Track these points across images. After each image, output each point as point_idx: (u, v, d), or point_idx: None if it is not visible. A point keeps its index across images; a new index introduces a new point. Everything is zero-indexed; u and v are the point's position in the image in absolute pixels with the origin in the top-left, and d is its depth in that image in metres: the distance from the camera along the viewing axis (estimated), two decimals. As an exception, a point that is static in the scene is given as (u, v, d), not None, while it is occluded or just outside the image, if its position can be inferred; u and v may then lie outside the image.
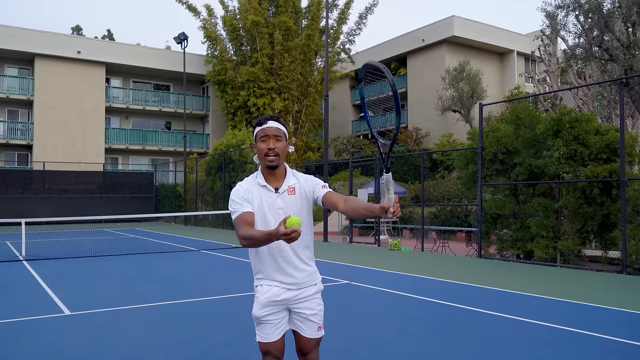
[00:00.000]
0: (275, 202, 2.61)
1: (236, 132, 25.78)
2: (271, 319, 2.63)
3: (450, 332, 5.24)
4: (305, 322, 2.68)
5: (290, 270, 2.63)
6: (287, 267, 2.62)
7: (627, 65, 13.59)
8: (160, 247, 14.88)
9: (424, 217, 14.70)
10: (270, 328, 2.62)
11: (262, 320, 2.63)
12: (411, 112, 31.54)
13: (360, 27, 31.12)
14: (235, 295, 7.27)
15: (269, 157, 2.57)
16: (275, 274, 2.63)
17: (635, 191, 9.53)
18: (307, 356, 2.72)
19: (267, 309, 2.62)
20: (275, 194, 2.62)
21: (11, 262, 11.20)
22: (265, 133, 2.59)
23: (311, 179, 2.73)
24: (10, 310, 6.32)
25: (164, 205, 30.43)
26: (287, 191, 2.64)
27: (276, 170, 2.63)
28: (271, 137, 2.58)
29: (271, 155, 2.57)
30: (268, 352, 2.63)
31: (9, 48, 28.26)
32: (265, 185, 2.63)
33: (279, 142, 2.59)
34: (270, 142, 2.58)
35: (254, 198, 2.61)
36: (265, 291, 2.64)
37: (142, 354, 4.58)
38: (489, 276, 9.28)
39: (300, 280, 2.65)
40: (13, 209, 24.03)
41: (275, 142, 2.58)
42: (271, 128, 2.59)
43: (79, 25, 54.20)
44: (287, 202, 2.62)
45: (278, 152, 2.58)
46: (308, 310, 2.67)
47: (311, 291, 2.70)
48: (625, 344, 4.80)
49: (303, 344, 2.71)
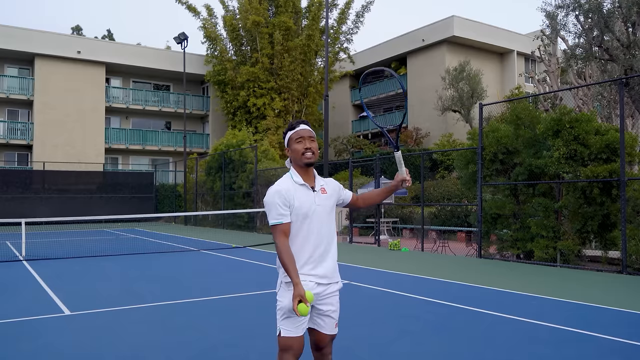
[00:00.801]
0: (315, 200, 2.81)
1: (236, 132, 25.79)
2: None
3: (450, 332, 5.24)
4: (325, 318, 2.80)
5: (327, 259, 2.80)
6: (324, 255, 2.79)
7: (627, 65, 13.59)
8: (160, 247, 14.88)
9: (424, 217, 14.70)
10: (299, 322, 2.67)
11: (289, 315, 2.65)
12: (411, 112, 31.52)
13: (357, 26, 31.11)
14: (235, 295, 7.27)
15: (307, 154, 2.78)
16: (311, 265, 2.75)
17: (635, 191, 9.53)
18: (322, 351, 2.85)
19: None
20: (313, 192, 2.82)
21: (11, 262, 11.20)
22: (300, 135, 2.81)
23: (333, 182, 2.98)
24: (10, 310, 6.32)
25: (164, 205, 30.43)
26: (321, 190, 2.86)
27: (310, 169, 2.85)
28: (306, 138, 2.81)
29: (308, 153, 2.78)
30: (290, 347, 2.66)
31: (9, 48, 28.26)
32: (304, 184, 2.80)
33: (313, 143, 2.82)
34: (306, 142, 2.80)
35: (295, 198, 2.76)
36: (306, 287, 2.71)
37: (142, 354, 4.58)
38: (489, 276, 9.28)
39: (330, 274, 2.80)
40: (13, 209, 24.03)
41: (310, 143, 2.81)
42: (305, 130, 2.83)
43: (79, 25, 54.25)
44: (323, 200, 2.84)
45: (314, 151, 2.80)
46: (330, 307, 2.80)
47: (334, 288, 2.85)
48: (625, 344, 4.80)
49: (320, 339, 2.82)
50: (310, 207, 2.76)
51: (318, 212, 2.78)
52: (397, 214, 19.80)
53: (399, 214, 19.75)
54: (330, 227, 2.85)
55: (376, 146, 33.05)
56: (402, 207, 19.45)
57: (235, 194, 23.00)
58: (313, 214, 2.76)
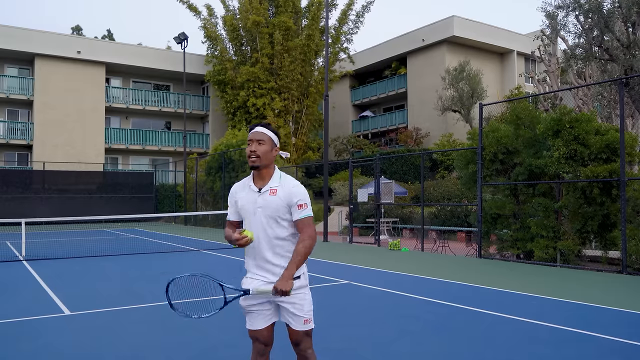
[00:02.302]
0: (257, 201, 2.88)
1: (236, 132, 25.78)
2: (255, 309, 2.88)
3: (450, 332, 5.24)
4: (291, 315, 2.87)
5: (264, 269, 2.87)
6: (263, 264, 2.88)
7: (627, 65, 13.59)
8: (160, 247, 14.88)
9: (424, 217, 14.70)
10: (255, 317, 2.89)
11: (247, 310, 2.91)
12: (411, 112, 31.55)
13: (357, 26, 31.11)
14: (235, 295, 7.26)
15: (250, 158, 2.86)
16: (255, 269, 2.91)
17: (635, 191, 9.53)
18: (298, 347, 2.93)
19: (250, 300, 2.88)
20: (257, 194, 2.89)
21: (11, 262, 11.20)
22: (250, 137, 2.90)
23: (292, 189, 2.87)
24: (10, 310, 6.32)
25: (164, 205, 30.43)
26: (268, 191, 2.87)
27: (261, 171, 2.89)
28: (254, 141, 2.86)
29: (252, 157, 2.85)
30: (256, 338, 2.92)
31: (9, 48, 28.26)
32: (250, 185, 2.93)
33: (261, 146, 2.85)
34: (253, 146, 2.86)
35: (240, 197, 2.96)
36: (248, 283, 2.90)
37: (142, 354, 4.58)
38: (489, 276, 9.28)
39: (276, 272, 2.84)
40: (13, 209, 24.02)
41: (257, 146, 2.85)
42: (255, 133, 2.89)
43: (79, 25, 54.24)
44: (267, 201, 2.86)
45: (259, 155, 2.84)
46: (291, 305, 2.85)
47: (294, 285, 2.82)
48: (625, 344, 4.80)
49: (292, 335, 2.91)
50: (250, 208, 2.89)
51: (258, 213, 2.85)
52: (397, 214, 19.80)
53: (399, 214, 19.76)
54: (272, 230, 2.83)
55: (376, 146, 33.05)
56: (402, 207, 19.45)
57: (235, 194, 22.96)
58: (253, 215, 2.87)
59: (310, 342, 2.93)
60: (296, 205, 2.83)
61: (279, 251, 2.86)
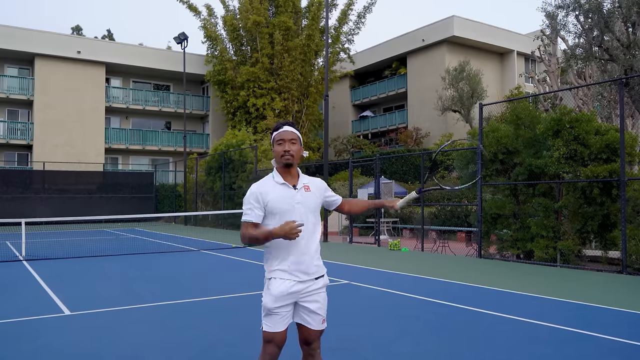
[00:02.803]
0: (295, 197, 2.91)
1: (236, 132, 25.77)
2: (281, 311, 2.86)
3: (450, 332, 5.24)
4: (311, 314, 2.90)
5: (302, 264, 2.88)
6: (299, 262, 2.88)
7: (627, 65, 13.59)
8: (160, 247, 14.88)
9: (424, 217, 14.70)
10: (278, 319, 2.86)
11: (272, 312, 2.86)
12: (411, 112, 31.55)
13: (359, 27, 31.11)
14: (235, 295, 7.27)
15: (284, 157, 2.89)
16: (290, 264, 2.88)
17: (635, 191, 9.53)
18: (310, 346, 2.95)
19: (279, 302, 2.85)
20: (294, 190, 2.92)
21: (11, 262, 11.20)
22: (281, 137, 2.91)
23: (318, 181, 3.09)
24: (10, 310, 6.32)
25: (164, 205, 30.43)
26: (303, 188, 2.96)
27: (291, 169, 2.94)
28: (287, 141, 2.90)
29: (287, 155, 2.89)
30: (272, 340, 2.87)
31: (9, 48, 28.26)
32: (285, 182, 2.92)
33: (294, 145, 2.91)
34: (286, 145, 2.90)
35: (272, 197, 2.88)
36: (278, 285, 2.86)
37: (142, 354, 4.58)
38: (489, 276, 9.28)
39: (311, 270, 2.90)
40: (13, 209, 24.02)
41: (291, 145, 2.90)
42: (286, 132, 2.92)
43: (79, 25, 54.30)
44: (305, 197, 2.95)
45: (292, 154, 2.90)
46: (314, 304, 2.90)
47: (319, 284, 2.94)
48: (625, 344, 4.80)
49: (307, 335, 2.93)
50: (286, 206, 2.88)
51: (298, 209, 2.89)
52: (397, 214, 19.78)
53: (399, 214, 19.74)
54: (312, 224, 2.95)
55: (376, 146, 33.05)
56: (402, 207, 19.42)
57: (235, 194, 23.00)
58: (293, 211, 2.88)
59: (320, 340, 2.99)
60: (330, 194, 3.15)
61: (316, 243, 2.98)
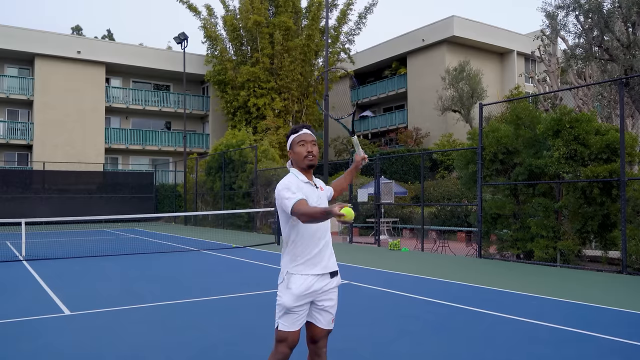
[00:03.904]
0: (319, 195, 3.04)
1: (236, 132, 25.77)
2: (300, 310, 2.86)
3: (450, 332, 5.24)
4: (322, 313, 2.93)
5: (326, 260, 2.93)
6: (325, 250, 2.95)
7: (627, 65, 13.59)
8: (160, 247, 14.88)
9: (424, 217, 14.70)
10: (296, 318, 2.85)
11: (291, 311, 2.84)
12: (411, 112, 31.54)
13: (359, 27, 31.12)
14: (235, 295, 7.27)
15: (309, 158, 2.98)
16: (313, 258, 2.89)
17: (635, 191, 9.53)
18: (317, 344, 2.97)
19: (300, 301, 2.84)
20: (317, 189, 3.04)
21: (11, 262, 11.20)
22: (302, 139, 3.00)
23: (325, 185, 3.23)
24: (10, 310, 6.32)
25: (164, 205, 30.43)
26: (320, 188, 3.08)
27: (310, 170, 3.05)
28: (308, 142, 3.00)
29: (310, 156, 2.98)
30: (285, 340, 2.84)
31: (9, 48, 28.25)
32: (309, 182, 3.02)
33: (315, 147, 3.02)
34: (309, 146, 2.99)
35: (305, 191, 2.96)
36: (300, 283, 2.85)
37: (142, 354, 4.58)
38: (489, 276, 9.28)
39: (332, 265, 2.97)
40: (13, 209, 24.00)
41: (313, 146, 3.01)
42: (307, 134, 3.02)
43: (79, 25, 54.26)
44: (322, 196, 3.07)
45: (315, 155, 3.01)
46: (328, 302, 2.94)
47: (334, 283, 2.99)
48: (625, 344, 4.80)
49: (316, 333, 2.95)
50: (315, 202, 2.96)
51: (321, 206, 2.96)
52: (397, 214, 19.79)
53: (399, 214, 19.75)
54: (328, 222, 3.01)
55: (376, 146, 33.05)
56: (402, 207, 19.45)
57: (235, 194, 23.00)
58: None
59: (326, 342, 3.03)
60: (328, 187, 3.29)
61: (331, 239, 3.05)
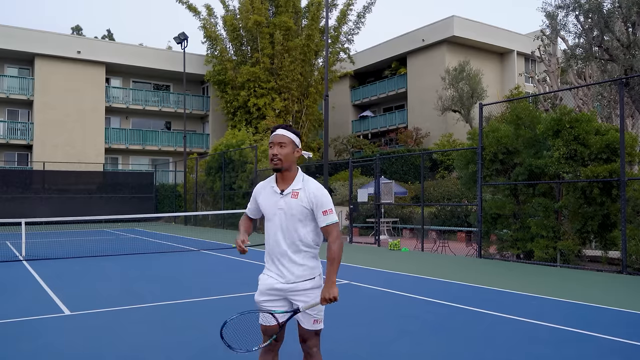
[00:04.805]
0: (278, 203, 2.91)
1: (236, 132, 25.77)
2: (268, 305, 2.93)
3: (450, 332, 5.24)
4: (302, 314, 2.92)
5: (281, 267, 2.92)
6: (279, 264, 2.93)
7: (627, 65, 13.59)
8: (160, 247, 14.88)
9: (424, 217, 14.70)
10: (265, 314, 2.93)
11: (260, 306, 2.98)
12: (411, 112, 31.54)
13: (358, 27, 31.11)
14: (235, 295, 7.27)
15: (273, 161, 2.87)
16: (272, 266, 2.97)
17: (635, 191, 9.53)
18: (305, 344, 2.99)
19: (265, 296, 2.95)
20: (279, 196, 2.91)
21: (11, 262, 11.20)
22: (271, 140, 2.90)
23: (319, 195, 2.88)
24: (10, 310, 6.32)
25: (164, 205, 30.43)
26: (291, 194, 2.89)
27: (283, 173, 2.91)
28: (275, 144, 2.87)
29: (275, 159, 2.87)
30: (264, 332, 2.98)
31: (9, 48, 28.25)
32: (273, 186, 2.96)
33: (283, 149, 2.86)
34: (275, 149, 2.86)
35: (263, 197, 3.00)
36: (264, 280, 2.98)
37: (142, 354, 4.58)
38: (489, 276, 9.28)
39: (289, 277, 2.90)
40: (13, 209, 24.01)
41: (279, 149, 2.86)
42: (276, 135, 2.89)
43: (79, 25, 54.28)
44: (289, 204, 2.88)
45: (280, 158, 2.85)
46: (303, 304, 2.89)
47: (307, 286, 2.91)
48: (625, 344, 4.80)
49: (302, 333, 2.98)
50: (271, 210, 2.93)
51: (279, 215, 2.89)
52: (397, 214, 19.79)
53: (399, 214, 19.75)
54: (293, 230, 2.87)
55: (376, 146, 33.05)
56: (402, 207, 19.45)
57: (235, 194, 23.00)
58: (273, 217, 2.92)
59: (318, 341, 3.00)
60: (321, 212, 2.87)
61: (300, 249, 2.90)
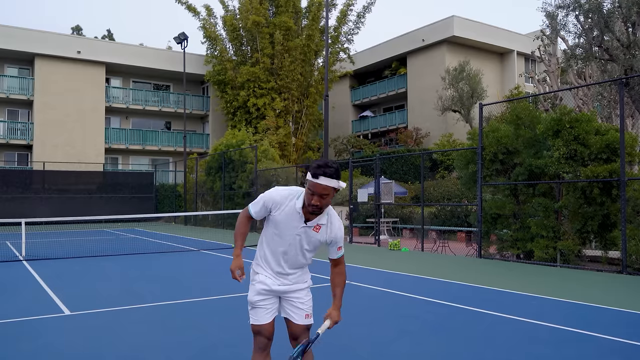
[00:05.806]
0: (298, 229, 2.90)
1: (236, 132, 25.78)
2: (264, 304, 3.00)
3: (450, 332, 5.24)
4: (294, 309, 3.02)
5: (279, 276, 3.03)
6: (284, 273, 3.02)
7: (627, 65, 13.58)
8: (160, 247, 14.88)
9: (424, 217, 14.70)
10: (263, 312, 3.00)
11: (255, 305, 3.01)
12: (411, 112, 31.54)
13: (358, 27, 31.12)
14: (235, 295, 7.27)
15: (311, 208, 2.80)
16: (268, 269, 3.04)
17: (635, 191, 9.53)
18: (297, 340, 3.02)
19: (261, 296, 3.01)
20: (302, 224, 2.89)
21: (11, 262, 11.20)
22: (314, 189, 2.75)
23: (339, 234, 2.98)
24: (10, 310, 6.32)
25: (164, 205, 30.43)
26: (314, 227, 2.91)
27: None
28: (317, 195, 2.76)
29: (315, 210, 2.81)
30: (259, 332, 3.00)
31: (9, 48, 28.26)
32: (300, 212, 2.87)
33: (324, 199, 2.78)
34: (315, 199, 2.76)
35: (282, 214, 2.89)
36: (261, 280, 3.02)
37: (142, 354, 4.58)
38: (489, 276, 9.28)
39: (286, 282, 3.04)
40: (13, 209, 24.02)
41: (320, 199, 2.77)
42: (320, 186, 2.73)
43: (79, 25, 54.26)
44: (308, 234, 2.92)
45: (321, 207, 2.80)
46: (297, 299, 3.03)
47: (301, 286, 3.09)
48: (625, 344, 4.80)
49: (293, 329, 3.04)
50: (287, 231, 2.91)
51: (294, 239, 2.92)
52: (397, 214, 19.79)
53: (399, 214, 19.75)
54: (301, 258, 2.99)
55: (376, 146, 33.04)
56: (402, 207, 19.45)
57: (235, 194, 23.00)
58: (286, 237, 2.92)
59: (308, 336, 3.04)
60: (336, 247, 3.00)
61: (300, 265, 3.03)
